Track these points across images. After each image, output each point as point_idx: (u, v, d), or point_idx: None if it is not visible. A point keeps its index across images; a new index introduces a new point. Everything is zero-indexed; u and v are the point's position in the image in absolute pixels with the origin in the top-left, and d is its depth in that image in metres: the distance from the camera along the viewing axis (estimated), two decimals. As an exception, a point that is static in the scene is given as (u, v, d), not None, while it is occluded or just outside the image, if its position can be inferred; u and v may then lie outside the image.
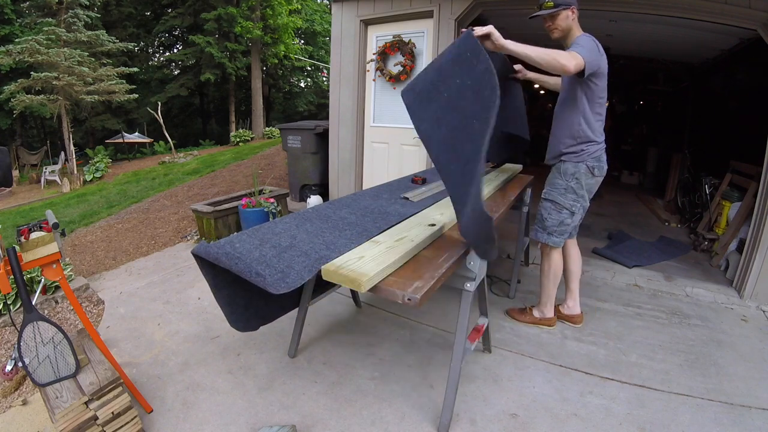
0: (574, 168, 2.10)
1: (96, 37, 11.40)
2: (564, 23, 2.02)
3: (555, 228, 2.19)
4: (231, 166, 7.84)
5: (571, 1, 1.99)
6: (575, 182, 2.11)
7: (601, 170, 2.12)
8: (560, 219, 2.17)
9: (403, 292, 1.26)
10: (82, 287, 2.86)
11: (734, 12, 2.77)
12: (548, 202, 2.20)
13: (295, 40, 18.84)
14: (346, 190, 4.50)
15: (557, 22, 2.02)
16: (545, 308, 2.39)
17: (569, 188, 2.12)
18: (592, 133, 2.06)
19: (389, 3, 3.92)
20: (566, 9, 2.00)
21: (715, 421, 1.70)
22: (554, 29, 2.05)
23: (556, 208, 2.17)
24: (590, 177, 2.11)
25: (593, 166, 2.09)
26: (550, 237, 2.21)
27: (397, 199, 2.13)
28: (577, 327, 2.40)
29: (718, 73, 5.19)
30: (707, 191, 4.14)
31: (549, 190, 2.21)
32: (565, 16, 2.01)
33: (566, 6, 1.99)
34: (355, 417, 1.70)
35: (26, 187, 10.64)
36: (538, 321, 2.40)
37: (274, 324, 2.01)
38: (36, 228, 1.58)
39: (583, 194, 2.13)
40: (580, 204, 2.15)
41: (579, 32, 2.03)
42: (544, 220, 2.22)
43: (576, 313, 2.42)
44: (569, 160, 2.11)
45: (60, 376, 1.50)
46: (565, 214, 2.16)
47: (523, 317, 2.45)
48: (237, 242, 1.45)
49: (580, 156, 2.08)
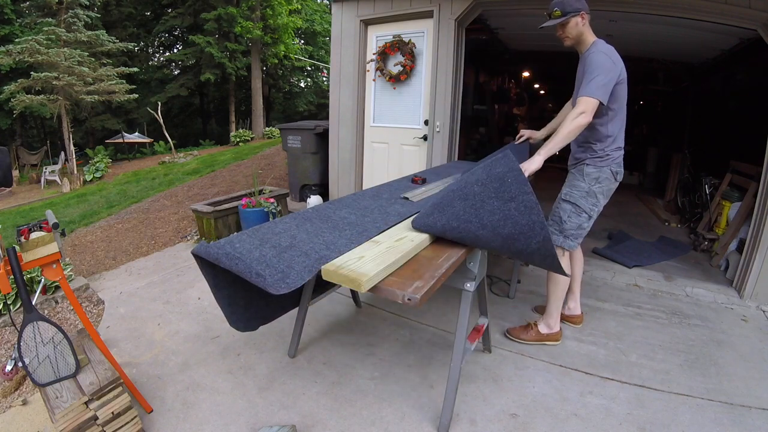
0: (598, 172, 2.04)
1: (96, 37, 11.40)
2: (574, 31, 1.98)
3: (573, 231, 2.10)
4: (231, 166, 7.84)
5: (581, 7, 1.94)
6: (598, 186, 2.05)
7: (622, 175, 2.10)
8: (579, 222, 2.09)
9: (403, 292, 1.26)
10: (82, 287, 2.87)
11: (734, 12, 2.77)
12: (568, 204, 2.10)
13: (295, 40, 18.85)
14: (346, 190, 4.50)
15: (567, 30, 1.99)
16: (552, 320, 2.23)
17: (591, 192, 2.06)
18: (618, 139, 2.04)
19: (389, 3, 3.92)
20: (575, 16, 1.94)
21: (715, 421, 1.70)
22: (565, 38, 2.02)
23: (576, 210, 2.08)
24: (613, 182, 2.07)
25: (617, 171, 2.06)
26: (566, 240, 2.12)
27: (397, 199, 2.13)
28: (577, 327, 2.40)
29: (718, 73, 5.19)
30: (707, 191, 4.14)
31: (570, 192, 2.11)
32: (574, 24, 1.96)
33: (575, 12, 1.94)
34: (355, 417, 1.70)
35: (26, 187, 10.65)
36: (545, 338, 2.23)
37: (274, 324, 2.01)
38: (36, 228, 1.58)
39: (601, 198, 2.08)
40: (597, 208, 2.10)
41: (592, 37, 2.00)
42: (563, 222, 2.11)
43: (577, 313, 2.41)
44: (593, 164, 2.05)
45: (60, 376, 1.50)
46: (584, 217, 2.08)
47: (528, 335, 2.24)
48: (237, 242, 1.45)
49: (605, 161, 2.03)
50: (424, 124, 3.95)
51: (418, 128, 4.03)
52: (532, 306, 2.65)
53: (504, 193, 1.36)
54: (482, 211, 1.39)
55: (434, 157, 3.86)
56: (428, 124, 3.89)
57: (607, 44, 1.97)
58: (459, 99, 3.79)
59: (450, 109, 3.72)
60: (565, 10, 1.93)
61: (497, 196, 1.37)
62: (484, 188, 1.41)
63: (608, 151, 2.03)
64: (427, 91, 3.87)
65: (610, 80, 1.84)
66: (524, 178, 1.36)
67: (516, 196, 1.33)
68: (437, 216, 1.52)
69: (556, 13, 1.97)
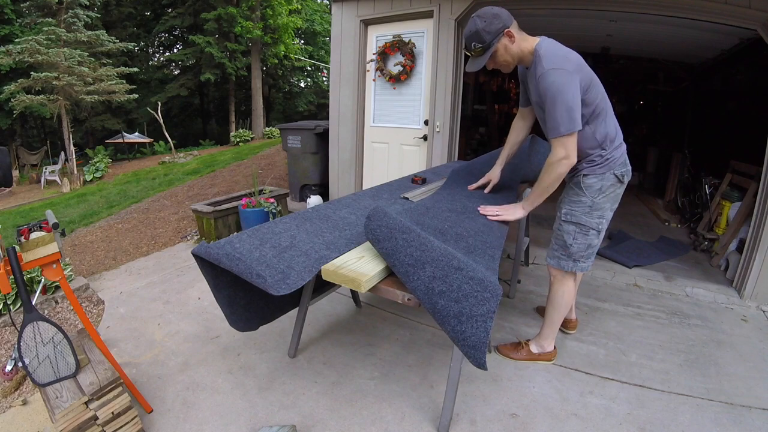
0: (600, 181, 1.76)
1: (96, 37, 11.40)
2: (507, 56, 1.66)
3: (582, 253, 1.85)
4: (231, 166, 7.84)
5: (501, 25, 1.59)
6: (602, 197, 1.77)
7: (630, 175, 1.81)
8: (587, 243, 1.83)
9: (403, 292, 1.26)
10: (82, 287, 2.86)
11: (734, 12, 2.77)
12: (571, 225, 1.83)
13: (295, 40, 18.85)
14: (346, 190, 4.50)
15: (498, 60, 1.67)
16: (546, 342, 2.04)
17: (595, 205, 1.77)
18: (616, 137, 1.77)
19: (389, 3, 3.92)
20: (500, 40, 1.60)
21: (715, 421, 1.70)
22: (502, 67, 1.71)
23: (582, 230, 1.82)
24: (619, 186, 1.79)
25: (622, 173, 1.77)
26: (576, 264, 1.87)
27: (397, 199, 2.13)
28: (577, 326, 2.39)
29: (718, 73, 5.20)
30: (707, 191, 4.14)
31: (570, 210, 1.83)
32: (503, 50, 1.64)
33: (498, 36, 1.59)
34: (355, 417, 1.70)
35: (26, 187, 10.65)
36: (537, 357, 2.05)
37: (274, 324, 2.01)
38: (36, 228, 1.58)
39: (608, 208, 1.81)
40: (606, 219, 1.83)
41: (530, 44, 1.64)
42: (569, 246, 1.85)
43: (571, 318, 2.33)
44: (592, 173, 1.76)
45: (60, 376, 1.50)
46: (593, 235, 1.82)
47: (518, 354, 2.07)
48: (237, 242, 1.45)
49: (606, 165, 1.75)
50: (424, 124, 3.95)
51: (418, 128, 4.03)
52: (533, 306, 2.65)
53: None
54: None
55: (434, 157, 3.86)
56: (428, 124, 3.89)
57: (553, 45, 1.63)
58: (459, 99, 3.79)
59: (450, 109, 3.72)
60: (485, 40, 1.59)
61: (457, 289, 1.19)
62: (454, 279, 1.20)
63: (607, 155, 1.74)
64: (427, 91, 3.87)
65: (573, 98, 1.52)
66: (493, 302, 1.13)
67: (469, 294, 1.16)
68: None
69: (476, 50, 1.62)
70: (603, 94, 1.70)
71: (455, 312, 1.13)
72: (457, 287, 1.15)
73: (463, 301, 1.13)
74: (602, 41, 4.74)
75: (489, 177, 2.19)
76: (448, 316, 1.13)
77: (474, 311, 1.11)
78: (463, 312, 1.12)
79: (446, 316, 1.14)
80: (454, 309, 1.13)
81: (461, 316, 1.12)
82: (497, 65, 1.70)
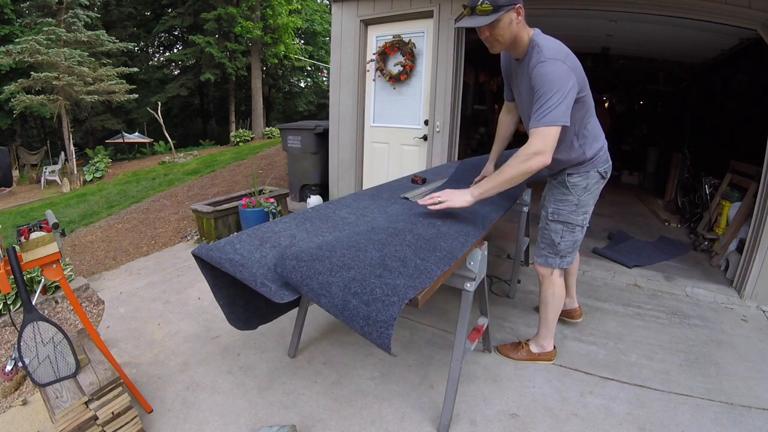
0: (584, 180, 1.80)
1: (96, 37, 11.40)
2: (507, 32, 1.50)
3: (569, 248, 1.90)
4: (231, 166, 7.84)
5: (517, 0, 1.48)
6: (587, 195, 1.82)
7: (610, 169, 1.86)
8: (574, 239, 1.88)
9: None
10: (82, 287, 2.86)
11: (734, 12, 2.77)
12: (559, 224, 1.86)
13: (295, 40, 18.85)
14: (346, 190, 4.50)
15: (498, 32, 1.49)
16: (545, 341, 2.05)
17: (581, 203, 1.82)
18: (597, 137, 1.78)
19: (389, 3, 3.92)
20: (511, 10, 1.46)
21: (715, 421, 1.70)
22: (494, 42, 1.54)
23: (569, 228, 1.86)
24: (601, 182, 1.85)
25: (605, 170, 1.82)
26: (563, 260, 1.92)
27: (397, 199, 2.13)
28: (577, 325, 2.39)
29: (718, 73, 5.19)
30: (707, 191, 4.14)
31: (557, 209, 1.86)
32: (508, 22, 1.48)
33: (510, 6, 1.45)
34: (355, 417, 1.70)
35: (26, 187, 10.65)
36: (537, 357, 2.06)
37: (274, 324, 2.01)
38: (36, 228, 1.58)
39: (591, 203, 1.87)
40: (589, 214, 1.88)
41: (527, 34, 1.55)
42: (557, 244, 1.88)
43: (574, 307, 2.36)
44: (577, 172, 1.80)
45: (60, 376, 1.50)
46: (578, 231, 1.88)
47: (518, 354, 2.08)
48: (237, 243, 1.45)
49: (590, 164, 1.78)
50: (424, 124, 3.95)
51: (418, 128, 4.03)
52: (533, 306, 2.65)
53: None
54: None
55: (434, 157, 3.86)
56: (428, 124, 3.89)
57: (553, 39, 1.55)
58: (459, 99, 3.79)
59: (450, 109, 3.72)
60: (498, 3, 1.43)
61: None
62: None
63: (590, 154, 1.76)
64: (427, 91, 3.87)
65: (570, 92, 1.46)
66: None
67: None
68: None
69: (484, 7, 1.43)
70: (591, 101, 1.71)
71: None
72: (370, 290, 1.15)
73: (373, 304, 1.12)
74: (602, 41, 4.74)
75: (483, 174, 2.19)
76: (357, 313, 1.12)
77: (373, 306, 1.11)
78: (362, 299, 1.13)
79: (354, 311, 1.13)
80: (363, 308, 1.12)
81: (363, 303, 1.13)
82: (490, 37, 1.53)
